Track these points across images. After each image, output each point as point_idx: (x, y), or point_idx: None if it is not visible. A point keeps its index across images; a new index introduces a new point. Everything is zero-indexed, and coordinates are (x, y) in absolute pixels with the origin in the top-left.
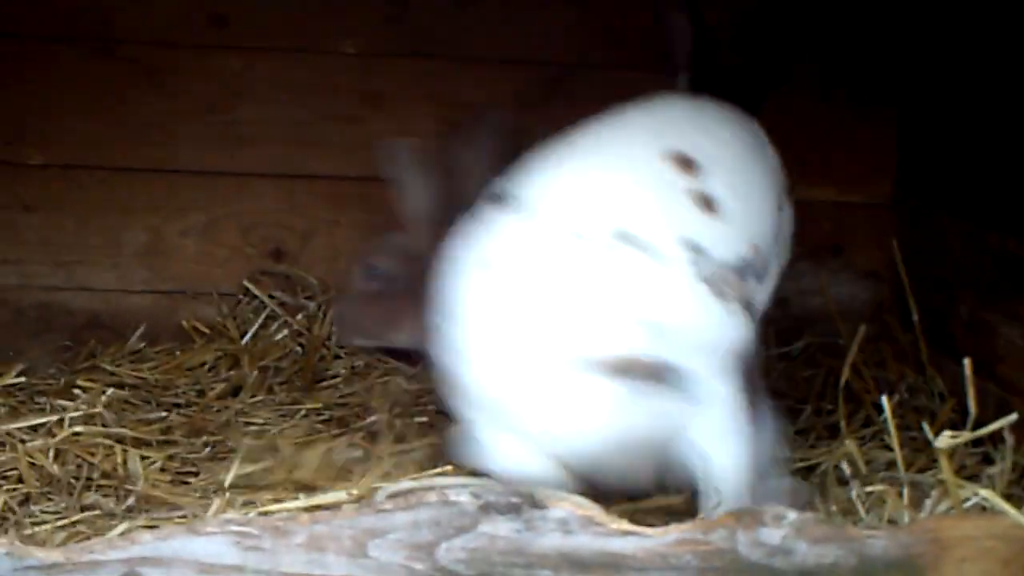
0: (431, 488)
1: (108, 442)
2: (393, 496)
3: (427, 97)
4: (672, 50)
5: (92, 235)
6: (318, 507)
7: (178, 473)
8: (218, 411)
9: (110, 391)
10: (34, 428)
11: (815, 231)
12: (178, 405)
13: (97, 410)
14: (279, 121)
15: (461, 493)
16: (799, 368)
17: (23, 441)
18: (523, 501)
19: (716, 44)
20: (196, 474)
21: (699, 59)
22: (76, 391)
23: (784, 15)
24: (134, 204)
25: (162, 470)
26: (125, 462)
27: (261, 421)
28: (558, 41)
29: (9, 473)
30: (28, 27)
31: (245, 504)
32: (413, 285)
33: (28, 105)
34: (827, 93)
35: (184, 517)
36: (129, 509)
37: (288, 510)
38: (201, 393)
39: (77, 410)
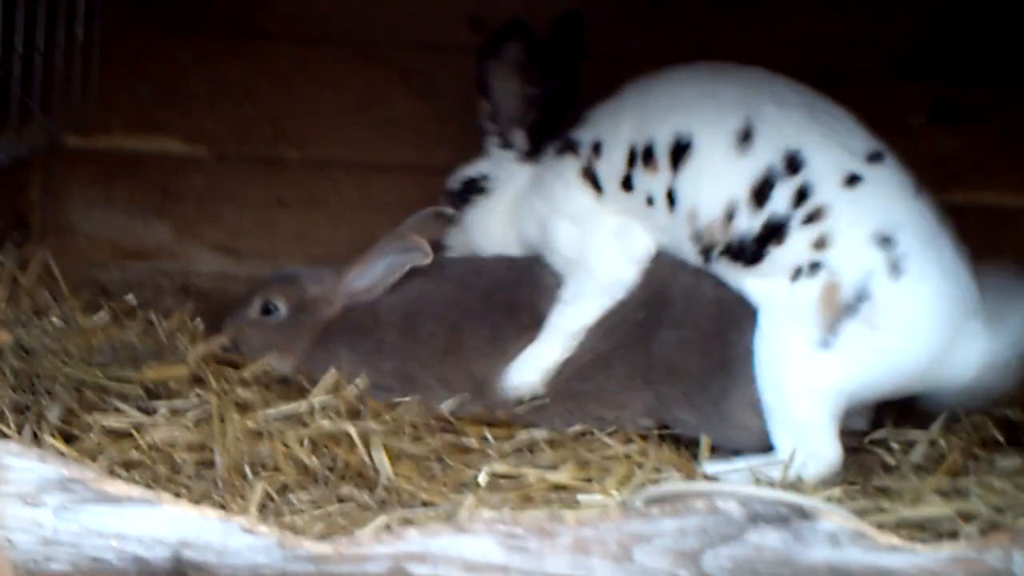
0: (696, 494)
1: (353, 432)
2: (654, 500)
3: None
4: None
5: (344, 231)
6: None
7: (424, 465)
8: None
9: (363, 379)
10: (286, 416)
11: None
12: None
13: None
14: None
15: (728, 501)
16: None
17: (280, 431)
18: (792, 512)
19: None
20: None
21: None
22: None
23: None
24: (386, 202)
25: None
26: (370, 453)
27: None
28: (822, 47)
29: (267, 461)
30: (287, 29)
31: (503, 502)
32: (302, 324)
33: (286, 104)
34: None
35: (437, 512)
36: (382, 502)
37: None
38: None
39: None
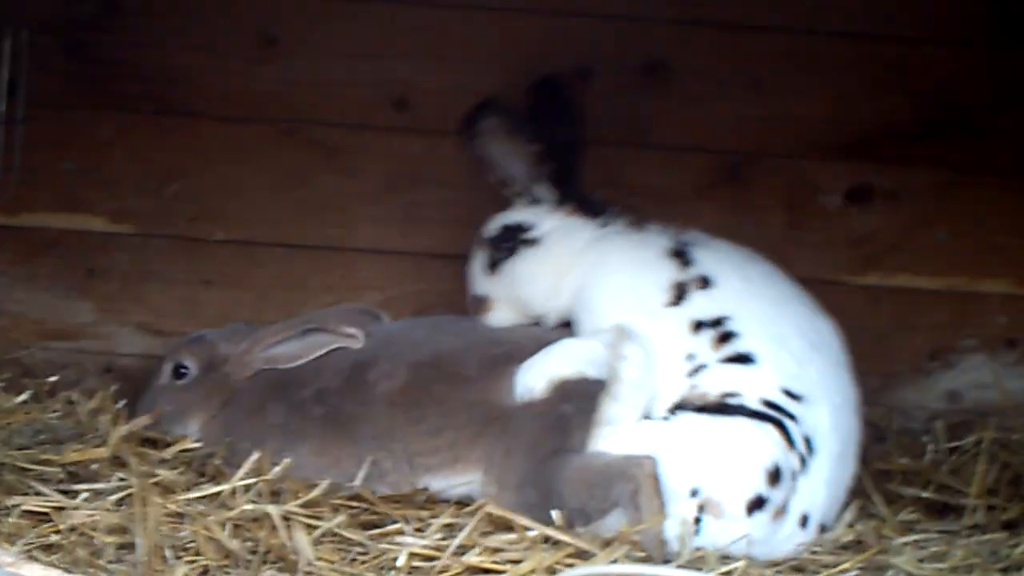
0: None
1: (274, 514)
2: None
3: (603, 183)
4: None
5: (269, 311)
6: None
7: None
8: None
9: (285, 461)
10: (208, 498)
11: (989, 324)
12: None
13: (267, 478)
14: (457, 203)
15: None
16: (971, 463)
17: (202, 514)
18: None
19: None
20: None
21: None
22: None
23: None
24: (311, 282)
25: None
26: (291, 536)
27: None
28: (736, 129)
29: (188, 545)
30: (212, 108)
31: None
32: (214, 383)
33: (211, 183)
34: (1001, 187)
35: None
36: None
37: None
38: None
39: (245, 480)
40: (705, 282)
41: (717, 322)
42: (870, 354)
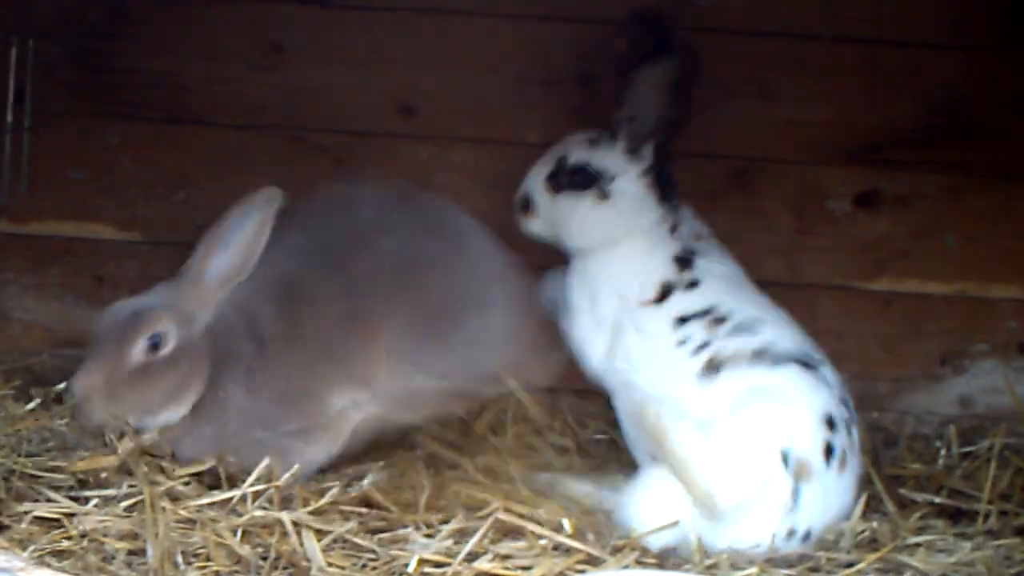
0: None
1: (285, 520)
2: None
3: None
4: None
5: None
6: None
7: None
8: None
9: (295, 468)
10: (218, 504)
11: (1000, 329)
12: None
13: (277, 484)
14: (464, 210)
15: None
16: (983, 468)
17: (212, 520)
18: None
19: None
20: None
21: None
22: None
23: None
24: None
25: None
26: (302, 542)
27: None
28: (744, 134)
29: (199, 551)
30: (220, 116)
31: None
32: (199, 348)
33: (219, 190)
34: (1011, 191)
35: None
36: None
37: None
38: None
39: (255, 487)
40: (692, 284)
41: (704, 312)
42: (881, 359)
